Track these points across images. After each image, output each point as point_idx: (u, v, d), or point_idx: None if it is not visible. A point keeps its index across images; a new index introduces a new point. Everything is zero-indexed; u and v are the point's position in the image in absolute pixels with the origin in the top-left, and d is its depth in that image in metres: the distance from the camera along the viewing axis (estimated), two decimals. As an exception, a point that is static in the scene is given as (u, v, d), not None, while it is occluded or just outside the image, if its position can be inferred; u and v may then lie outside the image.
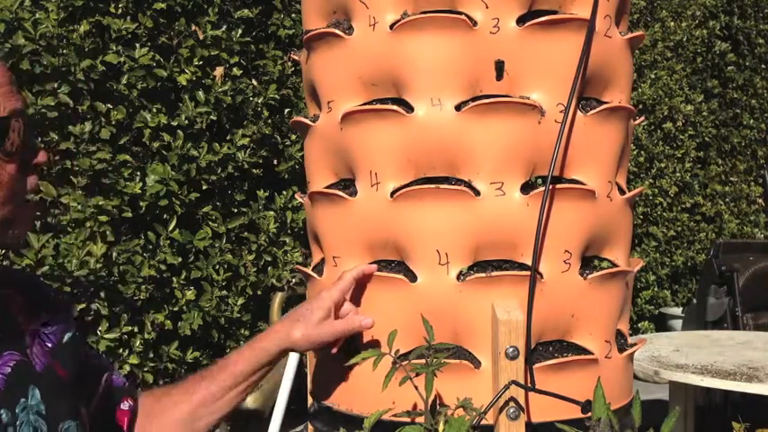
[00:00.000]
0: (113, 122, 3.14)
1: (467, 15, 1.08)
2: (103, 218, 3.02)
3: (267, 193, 3.62)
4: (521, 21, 1.09)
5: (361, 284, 1.15)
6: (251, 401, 2.93)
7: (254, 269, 3.64)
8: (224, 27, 3.48)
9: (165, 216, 3.29)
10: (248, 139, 3.56)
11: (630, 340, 1.24)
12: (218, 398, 1.14)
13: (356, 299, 1.16)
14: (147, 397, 1.18)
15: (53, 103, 2.92)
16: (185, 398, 1.15)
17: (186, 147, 3.30)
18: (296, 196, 1.23)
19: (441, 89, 1.09)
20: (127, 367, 3.02)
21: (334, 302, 1.12)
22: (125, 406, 1.14)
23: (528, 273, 1.07)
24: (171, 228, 3.25)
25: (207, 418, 1.15)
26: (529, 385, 1.04)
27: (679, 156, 5.88)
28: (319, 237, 1.23)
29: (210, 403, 1.14)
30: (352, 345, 1.16)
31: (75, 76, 2.99)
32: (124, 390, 1.16)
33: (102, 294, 3.06)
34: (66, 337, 1.07)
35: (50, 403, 0.99)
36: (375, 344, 1.12)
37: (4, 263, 2.84)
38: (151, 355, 3.18)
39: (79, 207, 2.98)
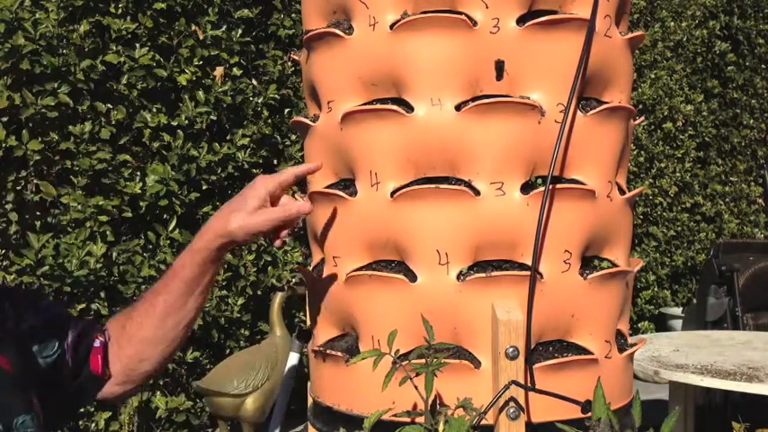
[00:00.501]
0: (113, 122, 3.14)
1: (467, 15, 1.08)
2: (103, 218, 3.03)
3: (267, 193, 3.62)
4: (521, 21, 1.09)
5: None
6: (251, 402, 2.92)
7: (254, 269, 3.64)
8: (224, 27, 3.48)
9: (165, 216, 3.29)
10: (248, 139, 3.56)
11: (630, 340, 1.24)
12: (179, 307, 1.14)
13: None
14: (113, 329, 1.18)
15: (53, 103, 2.92)
16: (148, 317, 1.15)
17: (186, 147, 3.30)
18: (296, 196, 1.22)
19: (441, 89, 1.09)
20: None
21: (269, 192, 1.11)
22: (97, 343, 1.15)
23: (528, 273, 1.07)
24: (171, 228, 3.25)
25: (174, 329, 1.16)
26: (529, 385, 1.04)
27: (679, 156, 5.88)
28: (319, 237, 1.23)
29: (174, 314, 1.14)
30: (353, 344, 1.16)
31: (75, 76, 2.99)
32: (94, 328, 1.17)
33: (102, 294, 3.06)
34: (9, 324, 1.06)
35: (1, 400, 0.98)
36: (375, 344, 1.12)
37: (4, 263, 2.85)
38: (151, 355, 3.18)
39: (79, 207, 2.98)
